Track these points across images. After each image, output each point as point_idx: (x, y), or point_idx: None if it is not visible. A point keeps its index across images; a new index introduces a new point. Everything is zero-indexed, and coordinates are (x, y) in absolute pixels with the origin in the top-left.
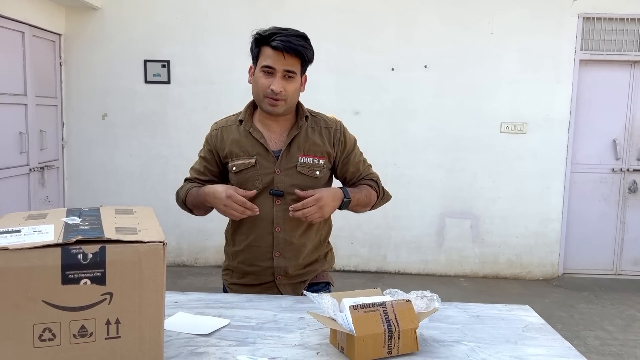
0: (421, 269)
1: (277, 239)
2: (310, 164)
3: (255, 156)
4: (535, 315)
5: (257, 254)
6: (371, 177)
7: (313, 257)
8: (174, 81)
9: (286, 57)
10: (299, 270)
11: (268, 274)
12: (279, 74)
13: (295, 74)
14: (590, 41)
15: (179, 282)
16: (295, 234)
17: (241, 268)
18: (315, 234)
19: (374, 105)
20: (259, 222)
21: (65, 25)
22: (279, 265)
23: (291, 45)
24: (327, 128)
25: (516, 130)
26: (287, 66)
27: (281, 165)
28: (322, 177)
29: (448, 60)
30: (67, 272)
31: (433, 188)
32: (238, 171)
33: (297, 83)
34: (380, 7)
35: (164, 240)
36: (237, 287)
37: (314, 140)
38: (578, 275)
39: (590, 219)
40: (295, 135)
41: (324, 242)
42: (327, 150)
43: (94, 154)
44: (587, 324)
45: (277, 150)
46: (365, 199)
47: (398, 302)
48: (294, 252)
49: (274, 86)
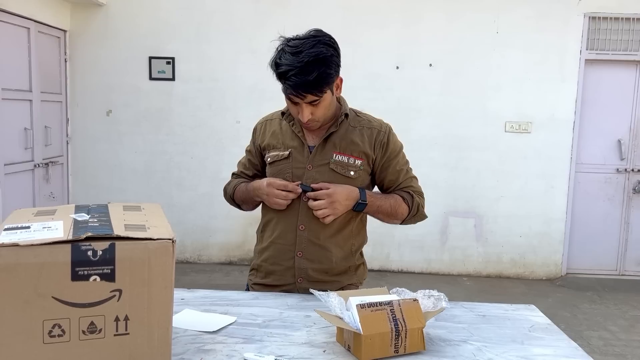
0: (424, 268)
1: (300, 238)
2: (344, 163)
3: (291, 149)
4: (541, 315)
5: (279, 252)
6: (409, 189)
7: (340, 267)
8: (179, 78)
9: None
10: (322, 276)
11: (289, 275)
12: (303, 105)
13: (320, 97)
14: (596, 41)
15: (182, 278)
16: (320, 235)
17: (265, 267)
18: (344, 241)
19: (378, 103)
20: (284, 218)
21: (70, 22)
22: (300, 266)
23: (302, 89)
24: (370, 128)
25: (521, 129)
26: (307, 99)
27: (314, 161)
28: (358, 179)
29: (453, 58)
30: (77, 268)
31: (437, 187)
32: (272, 162)
33: (325, 102)
34: (385, 4)
35: (173, 238)
36: (259, 287)
37: (352, 139)
38: (582, 276)
39: (594, 219)
40: (332, 132)
41: (355, 254)
42: (365, 151)
43: (98, 150)
44: (590, 324)
45: (313, 145)
46: (390, 209)
47: (405, 301)
48: (317, 255)
49: (301, 117)
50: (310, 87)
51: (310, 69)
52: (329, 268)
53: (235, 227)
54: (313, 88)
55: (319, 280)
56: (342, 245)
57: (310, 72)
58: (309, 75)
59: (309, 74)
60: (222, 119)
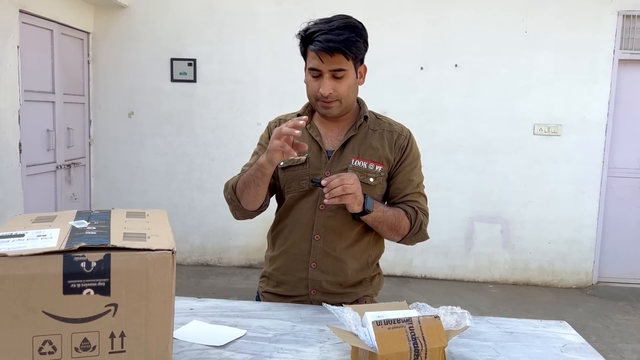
0: (448, 274)
1: (314, 248)
2: (364, 169)
3: (307, 154)
4: (574, 333)
5: (292, 262)
6: (414, 205)
7: (356, 279)
8: (200, 80)
9: (329, 56)
10: (336, 288)
11: (302, 286)
12: (326, 76)
13: (345, 71)
14: (630, 40)
15: (202, 281)
16: (336, 246)
17: (276, 276)
18: (361, 252)
19: (401, 105)
20: (298, 227)
21: (93, 24)
22: (314, 278)
23: (331, 45)
24: (390, 132)
25: (550, 132)
26: (332, 65)
27: (331, 166)
28: (377, 186)
29: (479, 59)
30: (69, 281)
31: (462, 191)
32: (286, 167)
33: (349, 79)
34: (409, 4)
35: (173, 248)
36: (270, 295)
37: (371, 143)
38: (614, 284)
39: (627, 226)
40: (351, 137)
41: (372, 265)
42: (386, 156)
43: (120, 152)
44: (623, 336)
45: (331, 150)
46: (393, 220)
47: (425, 318)
48: (332, 267)
49: (322, 89)
50: (339, 44)
51: (341, 31)
52: (344, 280)
53: (255, 231)
54: (343, 46)
55: (333, 292)
56: (358, 257)
57: (340, 34)
58: (339, 36)
59: (339, 35)
60: (243, 121)
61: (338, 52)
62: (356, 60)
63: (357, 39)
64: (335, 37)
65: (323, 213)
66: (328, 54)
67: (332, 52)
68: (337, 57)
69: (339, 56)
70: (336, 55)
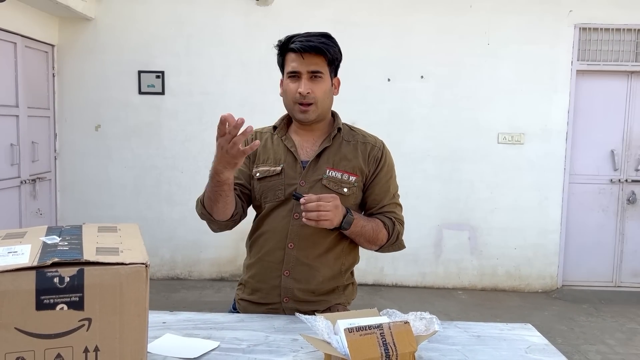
0: (419, 282)
1: (288, 256)
2: (338, 179)
3: (283, 164)
4: (538, 335)
5: (266, 270)
6: (391, 215)
7: (328, 287)
8: (168, 92)
9: (308, 57)
10: (308, 296)
11: (275, 294)
12: (304, 77)
13: (322, 74)
14: (587, 51)
15: (172, 296)
16: (310, 254)
17: (251, 283)
18: (334, 260)
19: (370, 115)
20: (272, 235)
21: (58, 36)
22: (286, 286)
23: (310, 44)
24: (364, 143)
25: (513, 140)
26: (311, 67)
27: (306, 176)
28: (351, 196)
29: (444, 70)
30: (42, 297)
31: (430, 199)
32: (261, 177)
33: (325, 84)
34: (376, 17)
35: (146, 262)
36: (245, 303)
37: (345, 155)
38: (577, 287)
39: (589, 230)
40: (326, 147)
41: (345, 274)
42: (359, 166)
43: (86, 165)
44: (587, 337)
45: (306, 160)
46: (372, 233)
47: (396, 324)
48: (304, 275)
49: (300, 88)
50: (318, 44)
51: (318, 37)
52: (316, 288)
53: (226, 243)
54: (322, 45)
55: (305, 300)
56: (331, 265)
57: (318, 38)
58: (316, 37)
59: (316, 37)
60: (212, 133)
61: (317, 53)
62: (331, 67)
63: (333, 45)
64: (314, 38)
65: (297, 222)
66: (308, 52)
67: (312, 50)
68: (315, 59)
69: (317, 58)
70: (315, 57)
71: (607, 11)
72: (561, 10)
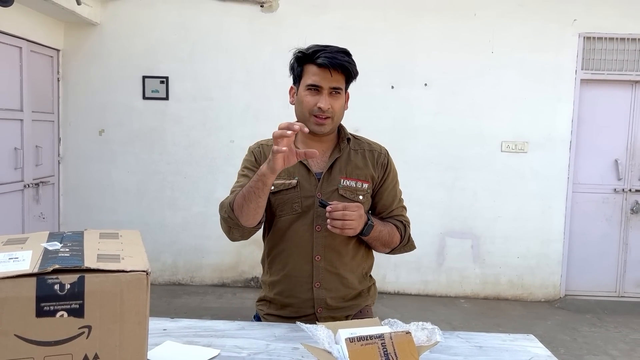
0: (421, 290)
1: (317, 269)
2: (353, 188)
3: (297, 177)
4: (540, 346)
5: (295, 285)
6: (401, 218)
7: (356, 291)
8: (173, 97)
9: (333, 74)
10: (340, 302)
11: (308, 306)
12: (325, 92)
13: (341, 90)
14: (591, 60)
15: (174, 301)
16: (337, 263)
17: (279, 300)
18: (357, 266)
19: (373, 122)
20: (297, 250)
21: (63, 41)
22: (320, 296)
23: (337, 61)
24: (370, 151)
25: (517, 149)
26: (333, 83)
27: (322, 188)
28: (365, 204)
29: (448, 78)
30: (42, 303)
31: (433, 207)
32: (277, 191)
33: (342, 99)
34: (380, 24)
35: (147, 270)
36: (274, 318)
37: (356, 163)
38: (580, 297)
39: (592, 240)
40: (337, 158)
41: (367, 276)
42: (370, 173)
43: (90, 170)
44: (590, 348)
45: (319, 172)
46: (388, 237)
47: (397, 334)
48: (335, 283)
49: (321, 103)
50: (341, 62)
51: (341, 54)
52: (346, 294)
53: (228, 248)
54: (348, 63)
55: (337, 307)
56: (355, 270)
57: (342, 56)
58: (340, 54)
59: (340, 54)
60: (216, 139)
61: (341, 70)
62: (347, 84)
63: (354, 63)
64: (339, 56)
65: (320, 234)
66: (333, 70)
67: (338, 68)
68: (337, 76)
69: (340, 75)
70: (338, 74)
71: (611, 20)
72: (566, 19)
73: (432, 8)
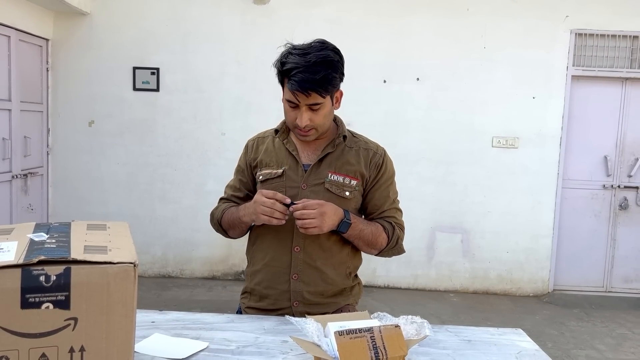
0: (411, 284)
1: (295, 260)
2: (339, 183)
3: (284, 167)
4: (528, 340)
5: (274, 275)
6: (392, 220)
7: (336, 289)
8: (163, 89)
9: (305, 95)
10: (318, 298)
11: (284, 298)
12: (303, 108)
13: (321, 104)
14: (583, 57)
15: (163, 294)
16: (317, 257)
17: (258, 290)
18: (340, 263)
19: (365, 117)
20: (277, 240)
21: (53, 30)
22: (296, 289)
23: (307, 85)
24: (366, 149)
25: (508, 144)
26: (309, 101)
27: (308, 180)
28: (352, 200)
29: (440, 73)
30: (28, 295)
31: (424, 202)
32: (264, 180)
33: (325, 109)
34: (373, 19)
35: (135, 261)
36: (253, 311)
37: (347, 159)
38: (569, 292)
39: (581, 236)
40: (329, 153)
41: (350, 276)
42: (360, 171)
43: (79, 161)
44: (577, 342)
45: (307, 164)
46: (370, 237)
47: (386, 328)
48: (313, 277)
49: (299, 121)
50: (315, 85)
51: (318, 68)
52: (325, 290)
53: (219, 241)
54: (318, 86)
55: (315, 302)
56: (337, 267)
57: (317, 72)
58: (316, 75)
59: (316, 73)
60: (207, 131)
61: (314, 92)
62: (332, 92)
63: (333, 76)
64: (311, 75)
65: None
66: (304, 93)
67: (309, 92)
68: (313, 95)
69: (316, 93)
70: (312, 94)
71: (603, 17)
72: (557, 15)
73: (425, 3)
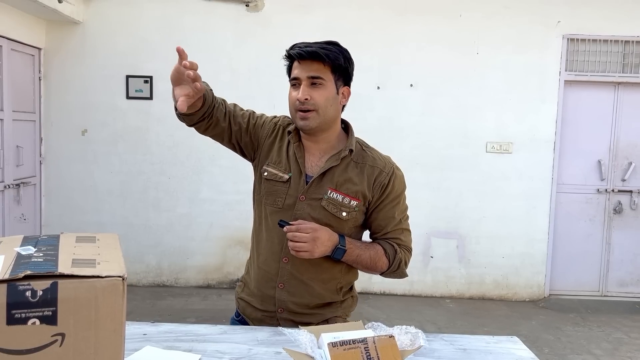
0: (407, 290)
1: (282, 270)
2: (338, 202)
3: (291, 174)
4: (524, 348)
5: (263, 278)
6: (395, 242)
7: (324, 301)
8: (157, 97)
9: (308, 63)
10: (303, 309)
11: (270, 303)
12: (304, 83)
13: (323, 80)
14: (575, 62)
15: (158, 303)
16: (304, 271)
17: (251, 286)
18: (330, 279)
19: (359, 123)
20: (270, 245)
21: (45, 39)
22: (281, 298)
23: (309, 49)
24: (372, 167)
25: (502, 150)
26: (310, 72)
27: (308, 192)
28: (350, 221)
29: (434, 79)
30: (13, 311)
31: (419, 207)
32: (268, 179)
33: (327, 91)
34: (366, 25)
35: (124, 275)
36: (244, 303)
37: (350, 177)
38: (564, 297)
39: (576, 240)
40: (332, 166)
41: (341, 291)
42: (362, 191)
43: (72, 170)
44: (574, 347)
45: (310, 175)
46: (369, 261)
47: (380, 338)
48: (299, 289)
49: (299, 94)
50: (314, 49)
51: (323, 44)
52: (310, 302)
53: (213, 250)
54: (317, 52)
55: (300, 312)
56: (326, 282)
57: (322, 43)
58: (320, 44)
59: (320, 44)
60: (200, 139)
61: (315, 58)
62: (336, 74)
63: (337, 54)
64: (315, 46)
65: None
66: (306, 59)
67: (309, 56)
68: (314, 65)
69: (317, 64)
70: (314, 63)
71: (595, 22)
72: (550, 20)
73: (418, 9)
